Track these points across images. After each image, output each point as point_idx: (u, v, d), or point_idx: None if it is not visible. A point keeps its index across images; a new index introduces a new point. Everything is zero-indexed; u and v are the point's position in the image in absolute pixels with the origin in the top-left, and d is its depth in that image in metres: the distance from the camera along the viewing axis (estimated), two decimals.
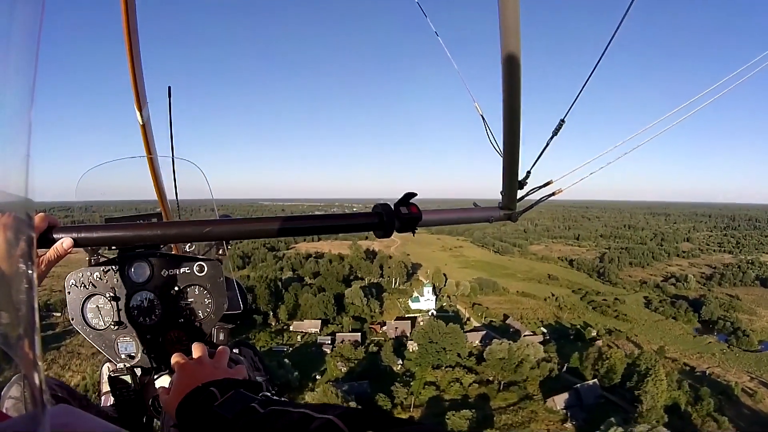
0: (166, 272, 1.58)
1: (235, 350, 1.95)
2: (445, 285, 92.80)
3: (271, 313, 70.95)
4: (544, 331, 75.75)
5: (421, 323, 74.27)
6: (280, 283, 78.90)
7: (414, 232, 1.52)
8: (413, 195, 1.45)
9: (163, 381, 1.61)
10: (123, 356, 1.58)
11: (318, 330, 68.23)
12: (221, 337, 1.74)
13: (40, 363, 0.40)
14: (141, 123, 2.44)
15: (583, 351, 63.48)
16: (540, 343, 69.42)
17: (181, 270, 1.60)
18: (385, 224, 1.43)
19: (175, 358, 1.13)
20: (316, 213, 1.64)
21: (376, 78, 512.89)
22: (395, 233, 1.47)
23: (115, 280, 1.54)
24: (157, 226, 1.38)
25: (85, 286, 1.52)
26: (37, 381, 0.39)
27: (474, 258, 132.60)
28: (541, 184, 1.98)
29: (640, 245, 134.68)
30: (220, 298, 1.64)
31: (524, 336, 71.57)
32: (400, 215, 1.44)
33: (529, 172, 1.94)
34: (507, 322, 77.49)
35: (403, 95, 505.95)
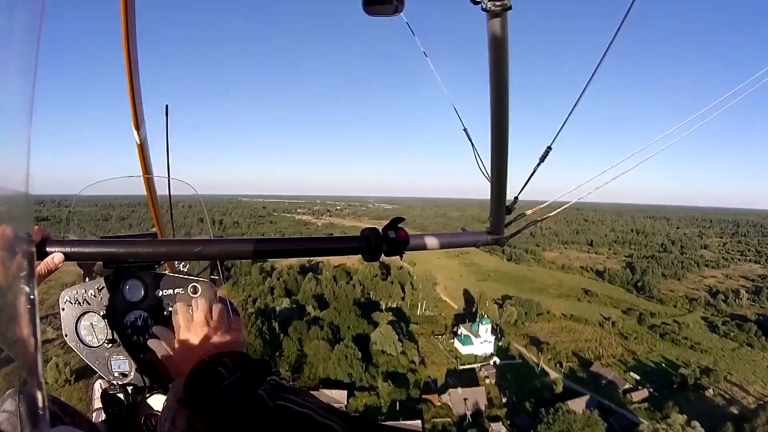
0: (161, 292, 1.61)
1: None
2: (465, 305, 70.34)
3: None
4: (637, 378, 56.71)
5: (487, 380, 51.97)
6: (275, 323, 52.67)
7: (401, 256, 1.56)
8: (401, 220, 1.53)
9: (155, 400, 1.60)
10: (116, 374, 1.60)
11: (344, 405, 43.07)
12: None
13: (42, 381, 0.39)
14: (138, 142, 2.47)
15: (701, 405, 47.10)
16: (646, 400, 50.70)
17: (175, 290, 1.61)
18: (373, 248, 1.48)
19: (177, 308, 1.24)
20: (306, 236, 2.14)
21: (362, 85, 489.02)
22: (383, 257, 1.53)
23: (108, 298, 1.57)
24: (151, 243, 1.41)
25: (79, 303, 1.54)
26: (39, 400, 0.37)
27: (488, 267, 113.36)
28: (529, 210, 2.05)
29: (664, 253, 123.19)
30: None
31: (624, 390, 52.33)
32: (388, 239, 1.49)
33: (516, 198, 2.00)
34: (591, 369, 57.14)
35: (392, 100, 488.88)
